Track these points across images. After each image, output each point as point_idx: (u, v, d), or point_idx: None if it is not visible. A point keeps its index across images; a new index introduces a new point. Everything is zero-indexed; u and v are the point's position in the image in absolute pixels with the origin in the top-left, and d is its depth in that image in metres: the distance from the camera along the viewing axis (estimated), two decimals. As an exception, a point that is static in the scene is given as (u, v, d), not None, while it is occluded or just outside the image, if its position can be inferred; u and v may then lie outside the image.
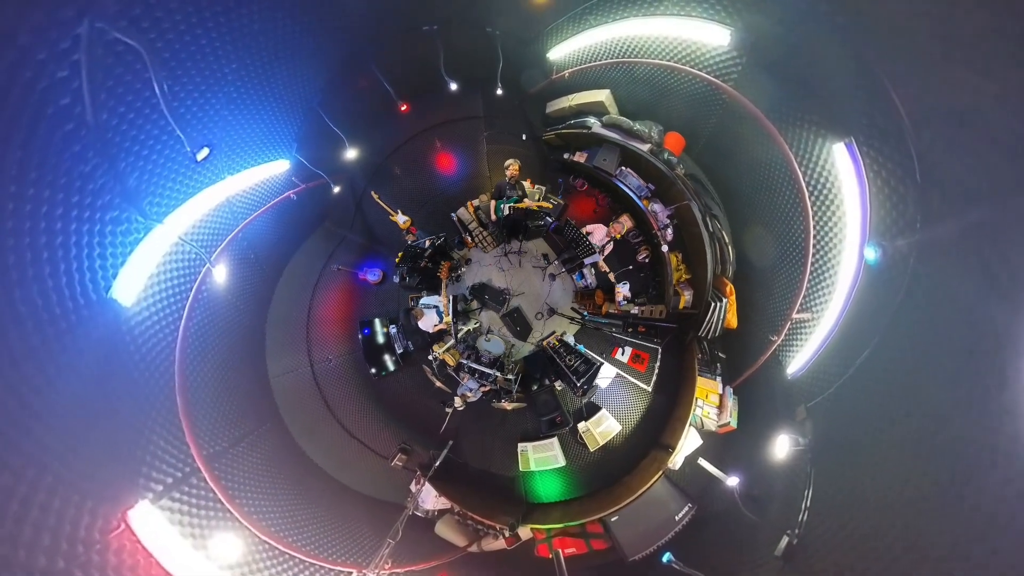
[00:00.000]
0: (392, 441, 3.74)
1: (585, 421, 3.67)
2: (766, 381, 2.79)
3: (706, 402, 3.17)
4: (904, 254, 1.55)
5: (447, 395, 4.06)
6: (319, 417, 3.45)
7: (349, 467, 3.34)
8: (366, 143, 3.01)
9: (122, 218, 1.55)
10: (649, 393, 3.80)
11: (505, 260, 5.25)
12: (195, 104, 1.68)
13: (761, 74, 1.89)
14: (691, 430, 3.08)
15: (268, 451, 2.58)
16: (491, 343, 4.59)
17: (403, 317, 4.48)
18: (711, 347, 3.53)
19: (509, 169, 3.42)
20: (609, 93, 2.85)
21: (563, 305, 5.39)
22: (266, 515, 2.16)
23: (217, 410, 2.24)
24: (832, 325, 2.07)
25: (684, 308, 3.81)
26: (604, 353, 4.29)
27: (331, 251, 3.83)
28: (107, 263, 1.52)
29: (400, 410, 4.03)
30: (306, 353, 3.50)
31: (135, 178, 1.56)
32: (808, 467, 1.93)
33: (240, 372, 2.61)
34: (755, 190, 2.53)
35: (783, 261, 2.51)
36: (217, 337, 2.36)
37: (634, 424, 3.75)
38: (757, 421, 2.79)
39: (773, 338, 2.65)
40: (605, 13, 2.12)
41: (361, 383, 3.96)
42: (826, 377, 2.08)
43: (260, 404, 2.85)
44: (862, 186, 1.68)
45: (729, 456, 2.90)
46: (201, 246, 2.09)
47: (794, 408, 2.23)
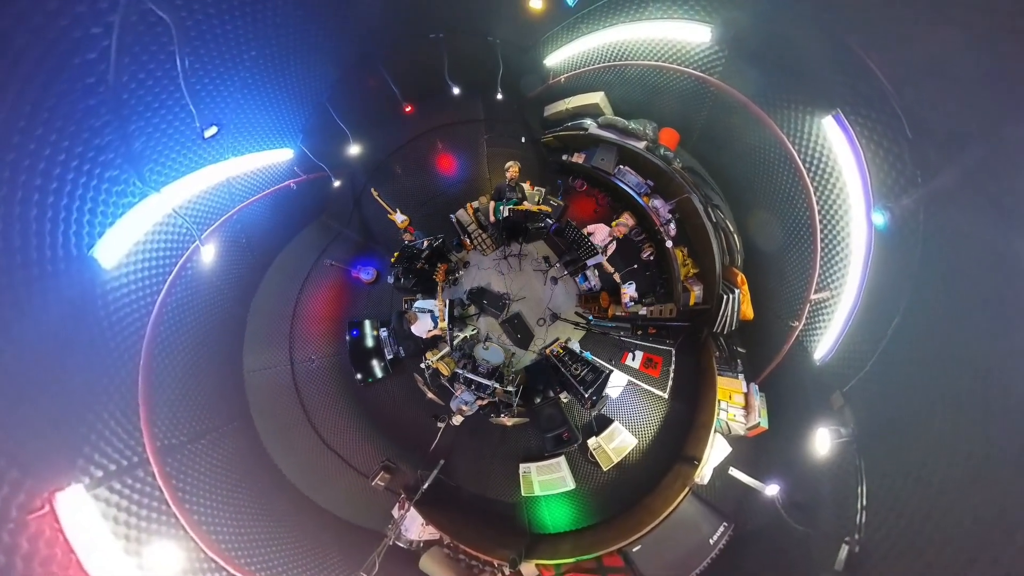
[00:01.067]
0: (374, 457, 3.45)
1: (596, 436, 3.43)
2: (793, 372, 2.66)
3: (730, 404, 2.98)
4: (912, 211, 1.60)
5: (440, 408, 3.81)
6: (294, 422, 3.21)
7: (322, 483, 3.03)
8: (369, 140, 3.27)
9: (120, 179, 1.63)
10: (666, 400, 3.59)
11: (505, 263, 5.33)
12: (211, 83, 1.87)
13: (744, 64, 2.16)
14: (717, 437, 2.85)
15: (231, 453, 2.35)
16: (489, 352, 4.44)
17: (395, 320, 4.40)
18: (729, 343, 3.43)
19: (509, 171, 3.66)
20: (603, 95, 3.18)
21: (566, 310, 5.33)
22: (218, 527, 1.90)
23: (181, 398, 2.10)
24: (854, 299, 2.05)
25: (695, 304, 3.78)
26: (613, 360, 4.15)
27: (325, 245, 3.92)
28: (95, 220, 1.56)
29: (386, 422, 3.80)
30: (287, 350, 3.37)
31: (141, 143, 1.68)
32: (857, 459, 1.75)
33: (213, 361, 2.50)
34: (753, 175, 2.69)
35: (792, 242, 2.57)
36: (194, 319, 2.31)
37: (652, 436, 3.51)
38: (790, 418, 2.60)
39: (794, 324, 2.60)
40: (595, 21, 2.50)
41: (344, 389, 3.77)
42: (858, 356, 2.00)
43: (229, 399, 2.67)
44: (857, 153, 1.80)
45: (764, 462, 2.67)
46: (194, 222, 2.15)
47: (829, 396, 2.10)
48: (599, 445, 3.38)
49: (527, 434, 3.76)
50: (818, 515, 1.94)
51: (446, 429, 3.70)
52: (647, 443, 3.48)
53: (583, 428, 3.57)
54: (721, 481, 2.71)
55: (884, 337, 1.81)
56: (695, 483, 2.72)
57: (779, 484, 2.21)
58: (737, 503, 2.67)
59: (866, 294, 1.97)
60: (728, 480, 2.66)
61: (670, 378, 3.65)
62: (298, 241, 3.61)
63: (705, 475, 2.74)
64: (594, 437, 3.42)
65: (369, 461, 3.41)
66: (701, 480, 2.74)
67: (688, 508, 2.69)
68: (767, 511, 2.23)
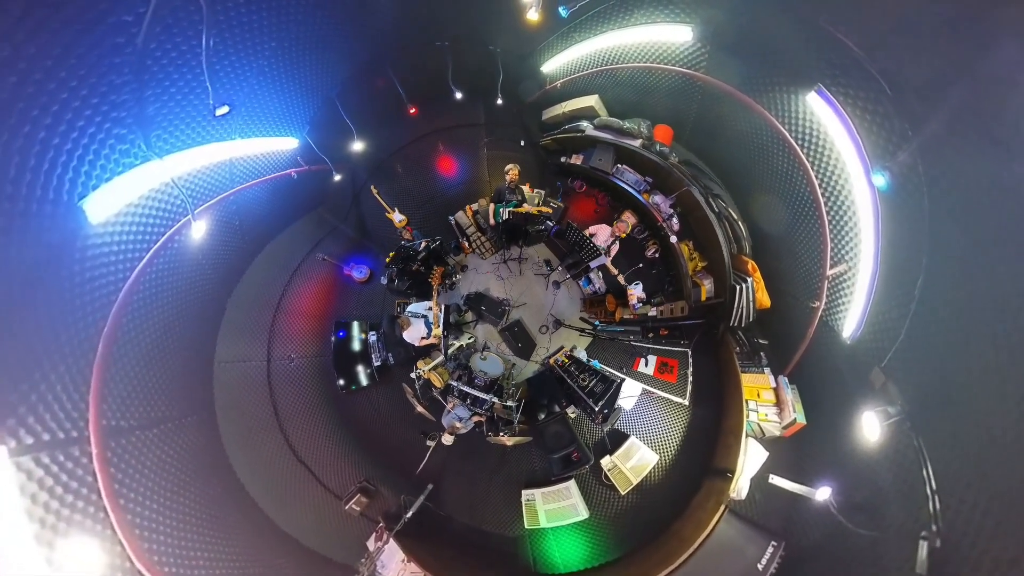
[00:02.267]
0: (351, 476, 3.13)
1: (610, 455, 3.17)
2: (823, 356, 2.56)
3: (759, 402, 2.80)
4: (910, 165, 1.70)
5: (430, 424, 3.56)
6: (262, 425, 2.96)
7: (286, 500, 2.73)
8: (373, 138, 3.57)
9: (127, 138, 1.76)
10: (687, 407, 3.40)
11: (504, 267, 5.40)
12: (230, 65, 2.12)
13: (725, 57, 2.48)
14: (750, 442, 2.62)
15: (184, 450, 2.13)
16: (487, 362, 4.28)
17: (386, 324, 4.32)
18: (748, 336, 3.33)
19: (509, 173, 3.92)
20: (598, 98, 3.56)
21: (571, 315, 5.26)
22: (152, 532, 1.66)
23: (140, 377, 1.97)
24: (872, 267, 2.07)
25: (707, 299, 3.76)
26: (624, 367, 4.00)
27: (320, 239, 4.01)
28: (93, 172, 1.64)
29: (367, 437, 3.54)
30: (265, 344, 3.26)
31: (154, 108, 1.85)
32: (914, 438, 1.61)
33: (182, 343, 2.39)
34: (749, 160, 2.89)
35: (798, 220, 2.66)
36: (171, 295, 2.28)
37: (675, 450, 3.25)
38: (828, 408, 2.44)
39: (815, 304, 2.57)
40: (587, 29, 2.93)
41: (323, 395, 3.57)
42: (889, 324, 1.94)
43: (193, 389, 2.50)
44: (845, 122, 1.97)
45: (808, 462, 2.44)
46: (190, 195, 2.25)
47: (867, 375, 1.99)
48: (615, 465, 3.09)
49: (530, 455, 3.48)
50: (883, 513, 1.72)
51: (436, 448, 3.40)
52: (670, 458, 3.20)
53: (595, 446, 3.32)
54: (762, 493, 2.46)
55: (912, 299, 1.79)
56: (731, 499, 2.45)
57: (830, 486, 1.99)
58: (785, 516, 2.37)
59: (884, 259, 2.00)
60: (770, 490, 2.39)
61: (689, 382, 3.49)
62: (292, 231, 3.72)
63: (742, 489, 2.47)
64: (608, 456, 3.15)
65: (344, 480, 3.09)
66: (737, 495, 2.46)
67: (726, 530, 2.39)
68: (822, 520, 1.99)
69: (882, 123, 1.80)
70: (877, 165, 1.86)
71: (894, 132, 1.76)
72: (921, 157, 1.65)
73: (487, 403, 3.53)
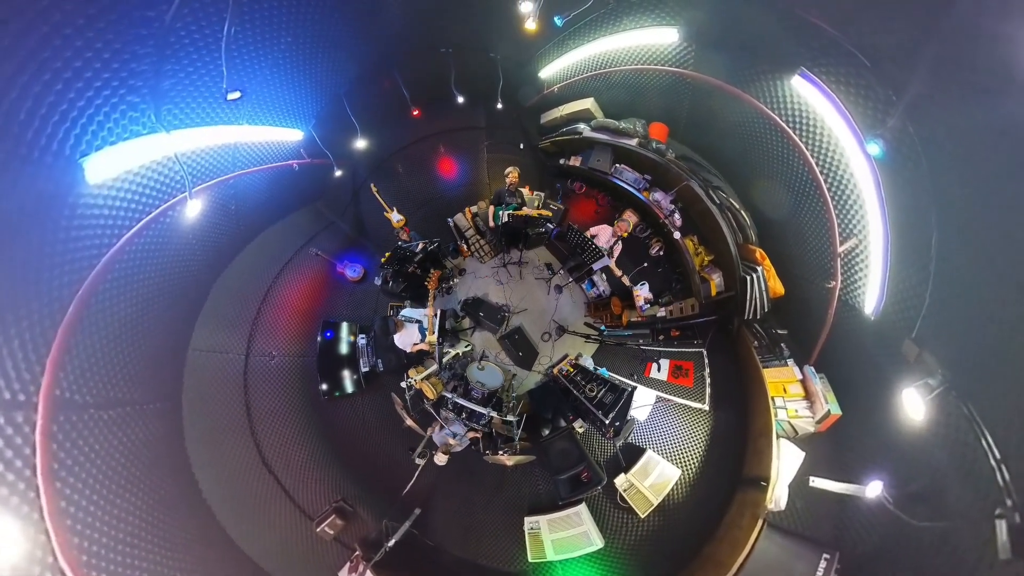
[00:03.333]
0: (326, 493, 2.88)
1: (625, 473, 2.97)
2: (848, 337, 2.50)
3: (787, 397, 2.67)
4: (901, 128, 1.83)
5: (420, 440, 3.34)
6: (231, 425, 2.77)
7: (248, 514, 2.47)
8: (376, 137, 3.84)
9: (139, 107, 1.91)
10: (707, 412, 3.23)
11: (504, 271, 5.44)
12: (247, 54, 2.37)
13: (711, 53, 2.78)
14: (782, 444, 2.46)
15: (140, 440, 1.97)
16: (485, 372, 4.16)
17: (377, 328, 4.24)
18: (765, 327, 3.27)
19: (508, 176, 4.15)
20: (593, 100, 3.89)
21: (574, 321, 5.19)
22: (87, 528, 1.50)
23: (106, 351, 1.90)
24: (883, 236, 2.12)
25: (718, 294, 3.74)
26: (635, 374, 3.87)
27: (315, 233, 4.10)
28: (99, 133, 1.75)
29: (348, 450, 3.33)
30: (246, 337, 3.17)
31: (170, 83, 2.03)
32: (963, 407, 1.51)
33: (159, 323, 2.34)
34: (745, 149, 3.09)
35: (801, 202, 2.76)
36: (155, 270, 2.28)
37: (699, 462, 3.04)
38: (863, 392, 2.32)
39: (830, 284, 2.57)
40: (581, 37, 3.31)
41: (303, 399, 3.40)
42: (912, 291, 1.94)
43: (162, 374, 2.38)
44: (831, 98, 2.16)
45: (851, 456, 2.28)
46: (190, 173, 2.36)
47: (899, 349, 1.93)
48: (631, 484, 2.87)
49: (533, 476, 3.26)
50: (946, 499, 1.56)
51: (426, 467, 3.15)
52: (694, 472, 2.97)
53: (607, 464, 3.11)
54: (803, 499, 2.25)
55: (930, 259, 1.81)
56: (769, 512, 2.24)
57: (880, 479, 1.84)
58: (834, 522, 2.15)
59: (893, 225, 2.06)
60: (813, 495, 2.20)
61: (707, 385, 3.34)
62: (287, 222, 3.82)
63: (780, 498, 2.26)
64: (623, 475, 2.94)
65: (318, 497, 2.85)
66: (776, 506, 2.25)
67: (768, 548, 2.16)
68: (878, 519, 1.82)
69: (866, 94, 1.97)
70: (869, 135, 1.99)
71: (879, 100, 1.92)
72: (910, 119, 1.78)
73: (484, 418, 3.31)
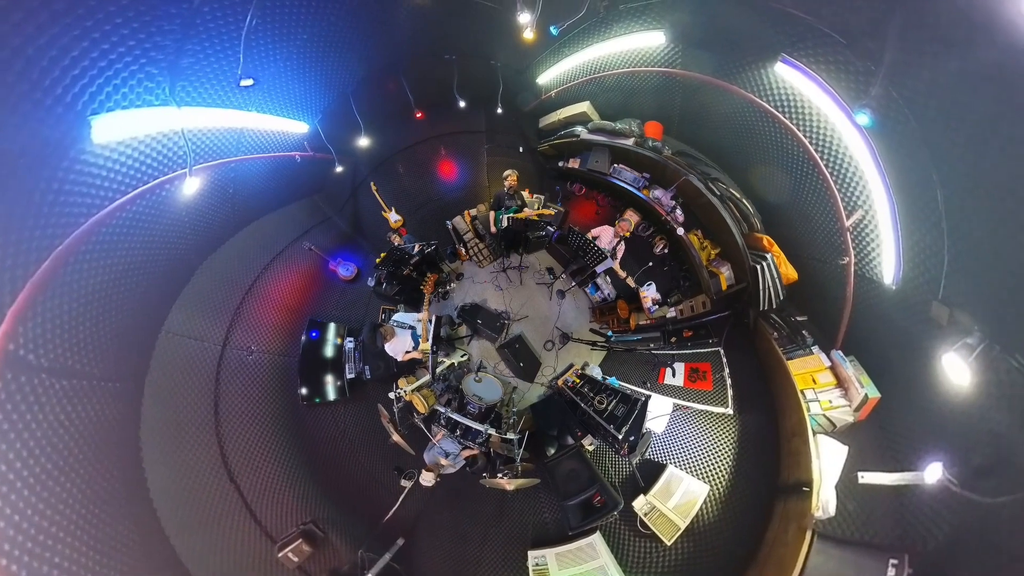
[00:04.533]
0: (294, 512, 2.63)
1: (645, 495, 2.74)
2: (872, 312, 2.48)
3: (818, 388, 2.56)
4: (885, 95, 2.02)
5: (407, 459, 3.13)
6: (194, 420, 2.61)
7: (199, 524, 2.23)
8: (379, 136, 4.13)
9: (155, 78, 2.10)
10: (732, 416, 3.08)
11: (503, 276, 5.48)
12: (264, 45, 2.66)
13: (696, 51, 3.12)
14: (820, 441, 2.33)
15: (91, 421, 1.85)
16: (483, 385, 4.01)
17: (367, 332, 4.16)
18: (783, 316, 3.23)
19: (508, 179, 4.41)
20: (589, 103, 4.27)
21: (579, 328, 5.12)
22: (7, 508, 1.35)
23: (75, 314, 1.87)
24: (888, 203, 2.23)
25: (729, 287, 3.76)
26: (648, 381, 3.75)
27: (310, 227, 4.19)
28: (113, 96, 1.92)
29: (324, 465, 3.14)
30: (225, 326, 3.09)
31: (188, 62, 2.26)
32: (1010, 359, 1.48)
33: (134, 295, 2.31)
34: (739, 138, 3.33)
35: (800, 182, 2.91)
36: (141, 240, 2.32)
37: (729, 474, 2.82)
38: (899, 368, 2.26)
39: (844, 261, 2.62)
40: (575, 44, 3.74)
41: (279, 402, 3.23)
42: (929, 251, 2.00)
43: (129, 352, 2.28)
44: (814, 79, 2.40)
45: (900, 441, 2.14)
46: (193, 150, 2.52)
47: (928, 315, 1.91)
48: (653, 507, 2.63)
49: (538, 503, 3.02)
50: (1017, 463, 1.44)
51: (413, 490, 2.90)
52: (724, 485, 2.74)
53: (623, 486, 2.90)
54: (855, 500, 2.08)
55: (940, 216, 1.89)
56: (817, 521, 2.04)
57: (938, 459, 1.73)
58: (895, 520, 1.95)
59: (896, 190, 2.17)
60: (865, 493, 2.04)
61: (728, 386, 3.21)
62: (283, 213, 3.93)
63: (827, 503, 2.08)
64: (642, 496, 2.71)
65: (284, 517, 2.58)
66: (824, 513, 2.06)
67: (823, 564, 1.95)
68: (945, 505, 1.67)
69: (847, 69, 2.20)
70: (856, 107, 2.18)
71: (860, 73, 2.14)
72: (891, 85, 1.98)
73: (481, 435, 3.10)
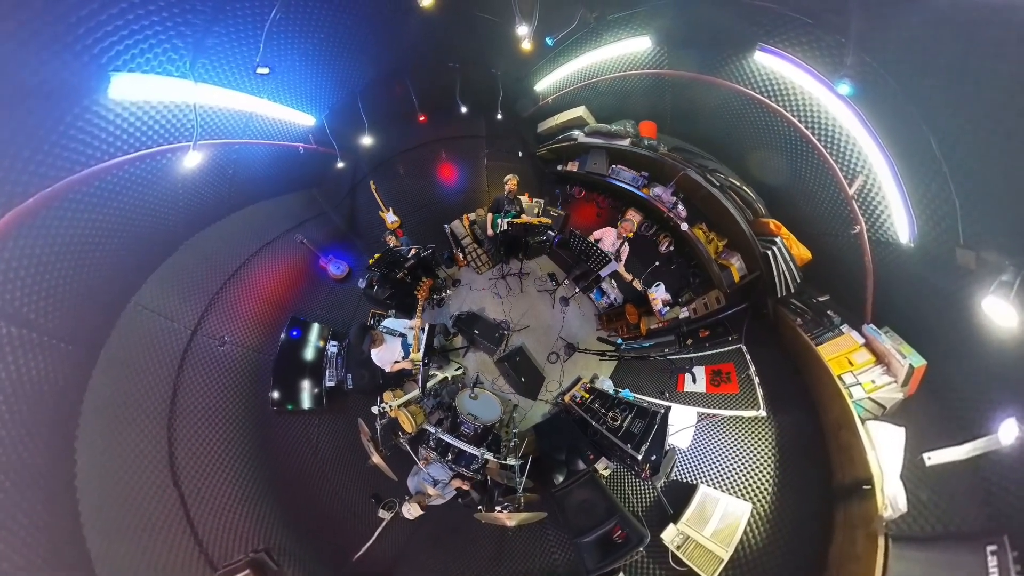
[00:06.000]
0: (245, 535, 2.35)
1: (675, 523, 2.49)
2: (896, 275, 2.52)
3: (856, 370, 2.49)
4: (860, 63, 2.33)
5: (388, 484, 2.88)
6: (146, 407, 2.46)
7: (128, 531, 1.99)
8: (382, 136, 4.51)
9: (179, 51, 2.41)
10: (766, 418, 2.89)
11: (502, 283, 5.52)
12: (283, 38, 3.07)
13: (681, 50, 3.60)
14: (871, 428, 2.22)
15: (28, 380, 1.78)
16: (479, 402, 3.77)
17: (353, 336, 4.02)
18: (804, 299, 3.24)
19: (508, 183, 4.75)
20: (584, 108, 4.76)
21: (586, 337, 5.05)
22: None
23: (44, 262, 1.92)
24: (887, 164, 2.42)
25: (742, 278, 3.81)
26: (666, 391, 3.62)
27: (305, 219, 4.33)
28: (136, 59, 2.19)
29: (289, 482, 2.87)
30: (201, 310, 3.04)
31: (212, 42, 2.59)
32: None
33: (112, 257, 2.33)
34: (731, 127, 3.67)
35: (796, 161, 3.15)
36: (132, 203, 2.44)
37: (772, 486, 2.59)
38: (939, 327, 2.24)
39: (856, 229, 2.73)
40: (569, 53, 4.29)
41: (246, 403, 3.05)
42: (938, 199, 2.13)
43: (91, 315, 2.25)
44: (792, 60, 2.76)
45: (960, 405, 2.03)
46: (201, 125, 2.77)
47: (955, 264, 1.96)
48: (686, 537, 2.39)
49: (545, 541, 2.76)
50: None
51: (392, 523, 2.61)
52: (769, 500, 2.50)
53: (648, 515, 2.64)
54: (927, 488, 1.91)
55: (939, 161, 2.05)
56: (887, 522, 1.86)
57: (1009, 414, 1.66)
58: (981, 498, 1.78)
59: (890, 148, 2.37)
60: (937, 476, 1.90)
61: (756, 385, 3.06)
62: (279, 202, 4.09)
63: (894, 498, 1.92)
64: (672, 526, 2.47)
65: (231, 540, 2.29)
66: (893, 511, 1.89)
67: (908, 570, 1.75)
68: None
69: (819, 45, 2.55)
70: (836, 79, 2.49)
71: (831, 46, 2.48)
72: (863, 51, 2.28)
73: (477, 461, 2.87)
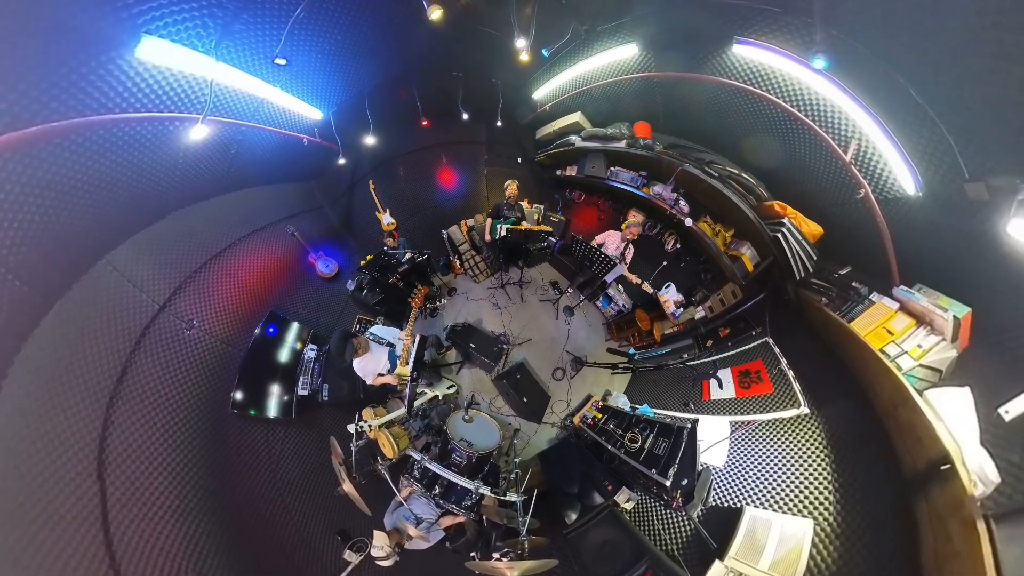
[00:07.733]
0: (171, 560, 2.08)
1: (721, 559, 2.26)
2: (914, 228, 2.65)
3: (897, 339, 2.52)
4: (830, 37, 2.76)
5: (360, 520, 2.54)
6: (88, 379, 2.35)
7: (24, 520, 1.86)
8: (385, 137, 4.96)
9: (208, 28, 2.83)
10: (809, 415, 2.77)
11: (502, 293, 5.55)
12: (303, 35, 3.60)
13: (666, 53, 4.19)
14: (931, 397, 2.17)
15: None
16: (474, 426, 3.39)
17: (335, 341, 3.72)
18: (825, 276, 3.32)
19: (508, 189, 5.16)
20: (580, 113, 5.34)
21: (594, 349, 4.92)
22: None
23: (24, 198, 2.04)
24: (875, 123, 2.74)
25: (755, 267, 3.93)
26: (690, 402, 3.44)
27: (298, 212, 4.53)
28: (170, 27, 2.58)
29: (240, 504, 2.62)
30: (173, 286, 3.04)
31: (241, 26, 3.06)
32: None
33: (94, 212, 2.44)
34: (722, 119, 4.11)
35: (789, 140, 3.50)
36: (127, 162, 2.64)
37: (833, 492, 2.40)
38: (971, 269, 2.31)
39: (861, 193, 2.95)
40: (564, 63, 4.94)
41: (204, 399, 2.91)
42: (934, 142, 2.36)
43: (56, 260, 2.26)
44: (768, 47, 3.25)
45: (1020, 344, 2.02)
46: (214, 102, 3.12)
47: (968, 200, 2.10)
48: (739, 574, 2.21)
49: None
50: None
51: (362, 568, 2.33)
52: (832, 512, 2.32)
53: (687, 551, 2.44)
54: (1017, 448, 1.81)
55: (924, 108, 2.34)
56: (980, 500, 1.77)
57: None
58: None
59: (876, 108, 2.70)
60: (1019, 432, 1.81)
61: (792, 379, 2.95)
62: (276, 189, 4.31)
63: (982, 470, 1.84)
64: (718, 562, 2.25)
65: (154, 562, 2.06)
66: (984, 486, 1.82)
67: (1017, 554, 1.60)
68: None
69: (790, 29, 3.04)
70: (810, 56, 2.93)
71: (801, 28, 2.95)
72: (829, 26, 2.74)
73: (470, 496, 2.58)
